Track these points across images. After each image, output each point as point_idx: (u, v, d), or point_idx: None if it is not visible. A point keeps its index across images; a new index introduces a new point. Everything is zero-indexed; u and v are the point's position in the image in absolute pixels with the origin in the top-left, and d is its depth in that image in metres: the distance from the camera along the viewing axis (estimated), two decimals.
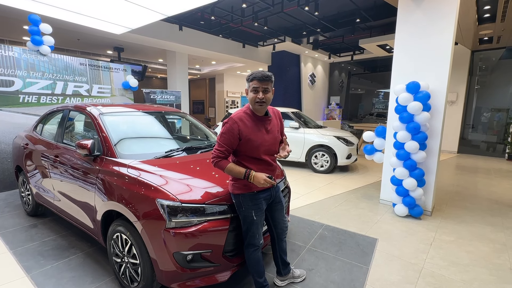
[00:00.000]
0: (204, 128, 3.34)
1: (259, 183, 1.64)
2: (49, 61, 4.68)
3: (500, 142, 8.52)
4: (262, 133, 1.74)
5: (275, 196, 1.90)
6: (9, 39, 8.17)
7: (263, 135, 1.73)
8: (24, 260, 2.39)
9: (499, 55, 8.64)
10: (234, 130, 1.66)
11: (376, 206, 3.83)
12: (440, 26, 3.27)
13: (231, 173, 1.69)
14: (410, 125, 3.25)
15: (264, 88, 1.66)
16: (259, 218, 1.79)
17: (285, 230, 2.00)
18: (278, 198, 1.92)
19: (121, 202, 1.85)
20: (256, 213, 1.76)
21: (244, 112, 1.74)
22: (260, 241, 1.82)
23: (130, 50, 9.84)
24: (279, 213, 1.95)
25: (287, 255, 2.12)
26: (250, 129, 1.69)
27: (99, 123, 2.37)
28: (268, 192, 1.83)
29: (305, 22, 7.47)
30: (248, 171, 1.67)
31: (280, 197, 1.95)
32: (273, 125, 1.81)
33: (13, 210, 3.53)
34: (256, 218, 1.76)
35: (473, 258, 2.53)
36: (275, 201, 1.91)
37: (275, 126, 1.83)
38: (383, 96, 12.82)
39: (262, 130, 1.74)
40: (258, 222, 1.78)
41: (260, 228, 1.81)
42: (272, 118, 1.82)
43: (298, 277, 2.14)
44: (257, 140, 1.71)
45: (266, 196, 1.82)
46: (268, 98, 1.69)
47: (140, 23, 4.95)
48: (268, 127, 1.77)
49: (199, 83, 16.72)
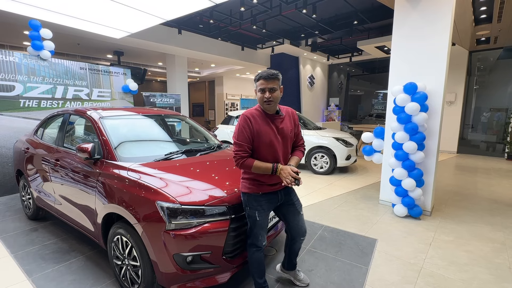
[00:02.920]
0: (203, 130, 3.37)
1: (283, 176, 1.65)
2: (50, 65, 4.72)
3: (499, 142, 8.54)
4: (273, 130, 1.74)
5: (286, 199, 1.89)
6: (10, 44, 8.22)
7: (274, 132, 1.74)
8: (25, 264, 2.40)
9: (497, 55, 8.69)
10: (247, 124, 1.70)
11: (376, 207, 3.84)
12: (436, 27, 3.30)
13: (259, 169, 1.69)
14: (408, 125, 3.27)
15: (271, 87, 1.68)
16: (263, 219, 1.79)
17: (300, 235, 1.94)
18: (290, 201, 1.91)
19: (122, 204, 1.87)
20: (259, 214, 1.77)
21: (255, 109, 1.77)
22: (262, 243, 1.82)
23: (130, 54, 9.90)
24: (293, 216, 1.92)
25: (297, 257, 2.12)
26: (261, 125, 1.72)
27: (99, 126, 2.39)
28: (275, 195, 1.83)
29: (303, 24, 7.53)
30: (276, 165, 1.69)
31: (293, 200, 1.92)
32: (285, 125, 1.79)
33: (14, 214, 3.54)
34: (259, 219, 1.77)
35: (472, 258, 2.54)
36: (286, 203, 1.91)
37: (288, 125, 1.80)
38: (382, 97, 12.87)
39: (272, 128, 1.74)
40: (261, 223, 1.79)
41: (263, 230, 1.82)
42: (285, 118, 1.81)
43: (300, 281, 2.11)
44: (268, 136, 1.71)
45: (271, 199, 1.82)
46: (275, 96, 1.69)
47: (140, 27, 5.00)
48: (279, 125, 1.77)
49: (198, 86, 16.79)
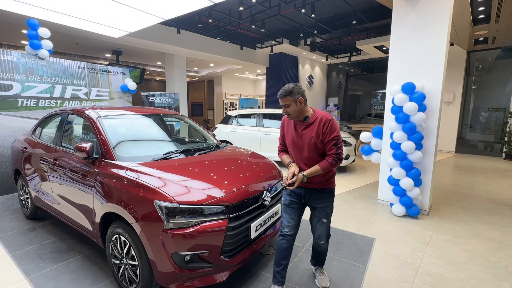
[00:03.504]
0: (202, 130, 3.37)
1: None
2: (48, 65, 4.70)
3: (497, 142, 8.58)
4: (295, 134, 1.92)
5: (310, 201, 1.97)
6: (8, 43, 8.20)
7: (295, 136, 1.92)
8: (23, 263, 2.40)
9: (495, 55, 8.72)
10: (281, 126, 2.07)
11: (374, 206, 3.85)
12: (435, 28, 3.31)
13: (283, 161, 2.06)
14: (406, 125, 3.28)
15: (284, 104, 1.85)
16: (288, 208, 1.97)
17: (320, 238, 2.02)
18: (312, 203, 1.98)
19: (120, 204, 1.87)
20: (285, 201, 1.99)
21: None
22: (284, 230, 1.93)
23: (129, 53, 9.88)
24: (313, 220, 2.03)
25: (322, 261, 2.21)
26: (287, 128, 2.00)
27: (97, 126, 2.39)
28: (300, 190, 1.95)
29: (302, 24, 7.53)
30: (289, 163, 1.96)
31: (316, 205, 1.97)
32: (307, 131, 1.86)
33: (12, 214, 3.54)
34: (285, 205, 1.99)
35: (470, 257, 2.56)
36: (309, 205, 2.00)
37: (309, 133, 1.85)
38: (381, 97, 12.87)
39: (295, 132, 1.92)
40: (286, 211, 1.97)
41: (288, 220, 1.94)
42: (312, 125, 1.86)
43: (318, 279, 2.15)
44: (289, 138, 1.97)
45: (296, 192, 1.96)
46: (290, 111, 1.85)
47: (138, 27, 4.99)
48: (301, 131, 1.89)
49: (197, 86, 16.78)
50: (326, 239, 2.05)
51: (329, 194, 1.99)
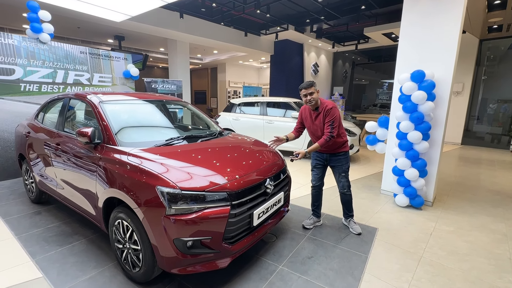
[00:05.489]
0: (205, 117, 3.33)
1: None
2: (49, 49, 4.64)
3: (505, 134, 8.40)
4: (311, 120, 2.65)
5: (329, 161, 2.71)
6: (9, 27, 8.09)
7: (311, 122, 2.66)
8: (28, 246, 2.44)
9: (508, 44, 8.40)
10: (300, 113, 2.79)
11: (377, 197, 3.83)
12: (448, 14, 3.17)
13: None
14: (413, 115, 3.20)
15: (309, 92, 2.50)
16: (314, 168, 2.78)
17: (339, 188, 2.75)
18: (332, 164, 2.71)
19: (122, 189, 1.87)
20: (312, 162, 2.81)
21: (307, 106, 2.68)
22: (313, 183, 2.80)
23: (131, 39, 9.72)
24: (336, 175, 2.75)
25: (350, 210, 2.84)
26: (304, 116, 2.74)
27: (99, 111, 2.36)
28: (321, 155, 2.72)
29: (309, 9, 7.29)
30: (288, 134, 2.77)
31: (334, 164, 2.69)
32: (319, 118, 2.57)
33: (18, 198, 3.58)
34: (312, 165, 2.80)
35: (473, 248, 2.54)
36: (330, 165, 2.72)
37: (321, 119, 2.56)
38: (387, 87, 12.61)
39: (311, 119, 2.65)
40: (314, 170, 2.79)
41: (315, 176, 2.78)
42: (320, 113, 2.55)
43: (353, 229, 2.78)
44: (307, 123, 2.71)
45: (319, 157, 2.74)
46: (314, 98, 2.51)
47: (140, 10, 4.86)
48: (314, 119, 2.62)
49: (200, 73, 16.58)
50: (349, 188, 2.72)
51: (343, 156, 2.66)
